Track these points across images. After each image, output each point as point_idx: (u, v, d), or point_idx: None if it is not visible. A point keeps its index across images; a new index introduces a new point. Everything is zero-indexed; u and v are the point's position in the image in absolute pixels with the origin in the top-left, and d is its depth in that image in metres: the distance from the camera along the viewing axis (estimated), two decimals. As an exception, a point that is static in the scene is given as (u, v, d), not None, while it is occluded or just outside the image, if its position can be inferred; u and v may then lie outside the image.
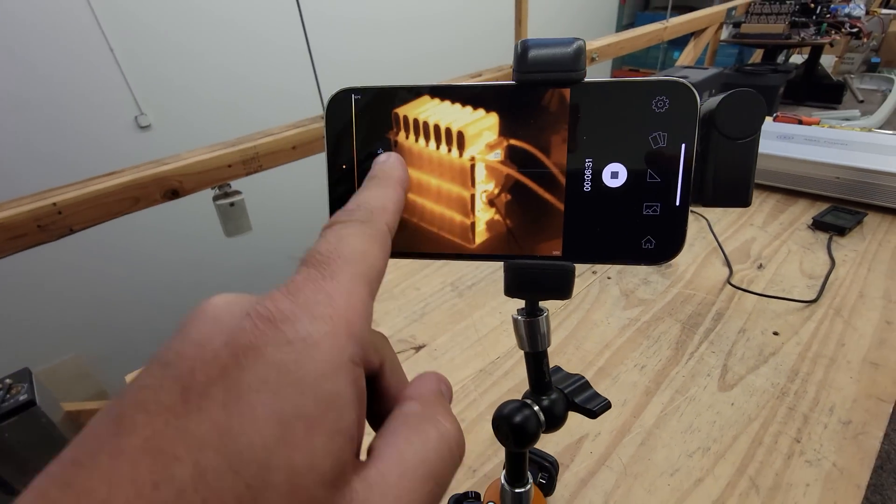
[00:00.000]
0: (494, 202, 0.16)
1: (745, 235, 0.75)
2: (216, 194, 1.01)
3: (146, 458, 0.10)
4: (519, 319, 0.19)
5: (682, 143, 0.15)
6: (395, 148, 0.16)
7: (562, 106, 0.15)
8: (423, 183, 0.16)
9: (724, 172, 0.15)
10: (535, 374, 0.19)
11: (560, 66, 0.15)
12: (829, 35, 2.44)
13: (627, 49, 1.91)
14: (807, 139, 0.88)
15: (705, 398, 0.48)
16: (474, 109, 0.16)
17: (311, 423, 0.11)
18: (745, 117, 0.15)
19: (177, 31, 2.00)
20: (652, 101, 0.15)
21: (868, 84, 3.80)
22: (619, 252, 0.16)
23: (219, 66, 2.14)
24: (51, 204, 0.81)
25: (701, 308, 0.61)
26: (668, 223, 0.15)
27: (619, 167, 0.15)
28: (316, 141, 1.07)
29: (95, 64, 1.85)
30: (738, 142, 0.15)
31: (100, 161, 1.89)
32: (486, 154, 0.16)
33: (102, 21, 1.81)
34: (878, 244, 0.69)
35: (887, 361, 0.50)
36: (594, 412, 0.19)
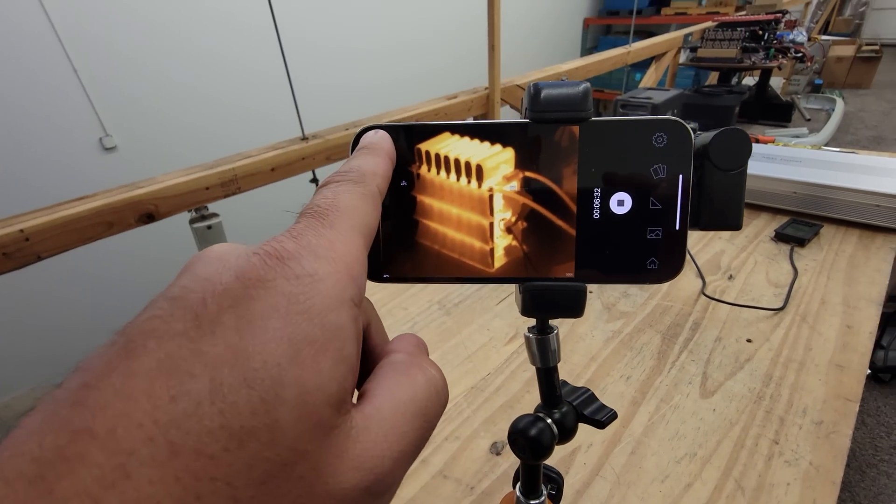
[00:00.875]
0: (511, 229, 0.18)
1: (714, 248, 0.79)
2: (193, 217, 0.99)
3: (161, 376, 0.10)
4: (531, 337, 0.20)
5: (679, 173, 0.17)
6: (418, 180, 0.17)
7: (572, 141, 0.17)
8: (445, 212, 0.18)
9: (717, 200, 0.17)
10: (546, 388, 0.20)
11: (570, 106, 0.17)
12: (777, 59, 2.63)
13: (594, 72, 2.00)
14: (764, 157, 0.94)
15: (689, 405, 0.50)
16: (492, 145, 0.17)
17: (318, 347, 0.11)
18: (734, 151, 0.17)
19: (143, 53, 1.97)
20: (652, 136, 0.17)
21: (813, 104, 4.08)
22: (626, 272, 0.18)
23: (187, 87, 2.12)
24: (17, 231, 0.78)
25: (679, 319, 0.63)
26: (670, 245, 0.17)
27: (625, 196, 0.17)
28: (296, 162, 1.07)
29: (58, 84, 1.80)
30: (729, 173, 0.17)
31: (63, 183, 1.82)
32: (503, 185, 0.17)
33: (66, 42, 1.77)
34: (835, 253, 0.74)
35: (850, 363, 0.54)
36: (603, 423, 0.21)
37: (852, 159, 0.90)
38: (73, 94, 1.84)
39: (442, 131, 0.17)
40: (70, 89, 1.83)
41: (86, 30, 1.80)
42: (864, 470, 1.22)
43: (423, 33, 2.96)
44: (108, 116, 1.95)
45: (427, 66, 3.02)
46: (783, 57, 2.62)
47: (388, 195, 0.17)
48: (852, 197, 0.80)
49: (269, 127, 1.90)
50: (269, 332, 0.11)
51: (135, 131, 2.03)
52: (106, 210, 0.85)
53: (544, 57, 4.10)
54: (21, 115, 1.72)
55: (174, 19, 2.00)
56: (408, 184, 0.18)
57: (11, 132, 1.70)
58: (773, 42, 2.58)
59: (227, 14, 2.13)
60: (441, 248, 0.18)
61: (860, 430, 1.31)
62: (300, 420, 0.11)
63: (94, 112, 1.93)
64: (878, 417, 1.34)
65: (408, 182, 0.17)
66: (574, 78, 1.89)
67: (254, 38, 2.17)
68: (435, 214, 0.17)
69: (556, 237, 0.17)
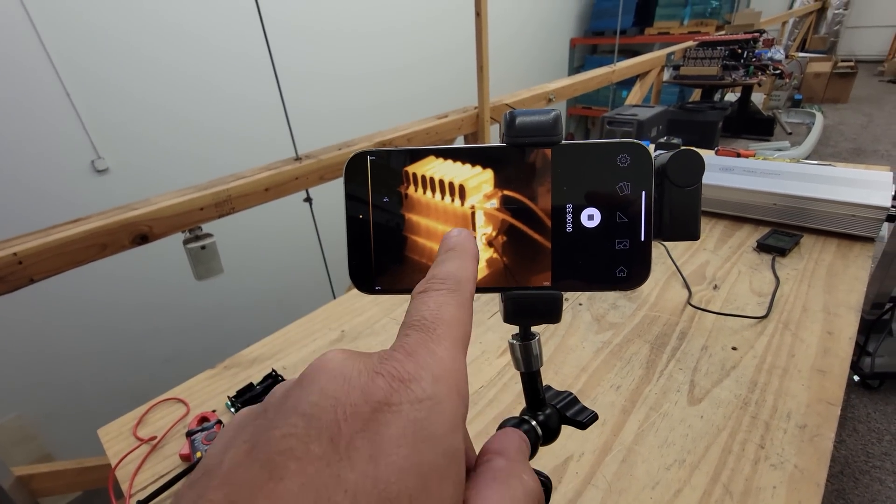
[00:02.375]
0: (492, 243, 0.19)
1: (699, 259, 0.81)
2: (187, 237, 1.00)
3: (305, 502, 0.11)
4: (515, 343, 0.21)
5: (642, 190, 0.18)
6: (406, 200, 0.19)
7: (545, 163, 0.19)
8: (431, 228, 0.19)
9: (676, 213, 0.19)
10: (530, 391, 0.22)
11: (542, 131, 0.18)
12: (756, 76, 2.72)
13: (581, 90, 2.05)
14: (745, 170, 0.98)
15: (677, 413, 0.52)
16: (473, 166, 0.19)
17: (442, 475, 0.12)
18: (689, 170, 0.18)
19: (136, 77, 2.00)
20: (616, 157, 0.18)
21: (794, 118, 4.20)
22: (598, 280, 0.19)
23: (180, 109, 2.14)
24: (11, 254, 0.78)
25: (666, 328, 0.65)
26: (637, 255, 0.19)
27: (594, 211, 0.19)
28: (289, 182, 1.09)
29: (50, 107, 1.82)
30: (686, 189, 0.19)
31: (54, 205, 1.82)
32: (483, 203, 0.19)
33: (58, 65, 1.79)
34: (815, 262, 0.77)
35: (832, 368, 0.56)
36: (584, 423, 0.22)
37: (830, 172, 0.94)
38: (65, 117, 1.85)
39: (427, 155, 0.19)
40: (62, 112, 1.84)
41: (79, 54, 1.82)
42: (858, 477, 1.23)
43: (414, 57, 3.04)
44: (99, 139, 1.96)
45: (418, 88, 3.08)
46: (762, 74, 2.71)
47: (380, 212, 0.19)
48: (830, 208, 0.83)
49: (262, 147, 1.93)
50: (400, 461, 0.12)
51: (127, 154, 2.04)
52: (100, 232, 0.86)
53: (534, 76, 4.20)
54: (13, 137, 1.73)
55: (167, 43, 2.04)
56: (397, 202, 0.19)
57: (3, 154, 1.70)
58: (752, 60, 2.68)
59: (220, 38, 2.17)
60: (428, 261, 0.19)
61: (852, 437, 1.32)
62: None
63: (86, 134, 1.94)
64: (869, 424, 1.36)
65: (396, 202, 0.19)
66: (561, 96, 1.94)
67: (247, 62, 2.21)
68: (422, 230, 0.19)
69: (533, 250, 0.19)
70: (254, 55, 2.14)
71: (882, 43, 6.20)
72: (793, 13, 5.59)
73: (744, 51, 2.60)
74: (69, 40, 1.79)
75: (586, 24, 4.93)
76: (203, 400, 0.60)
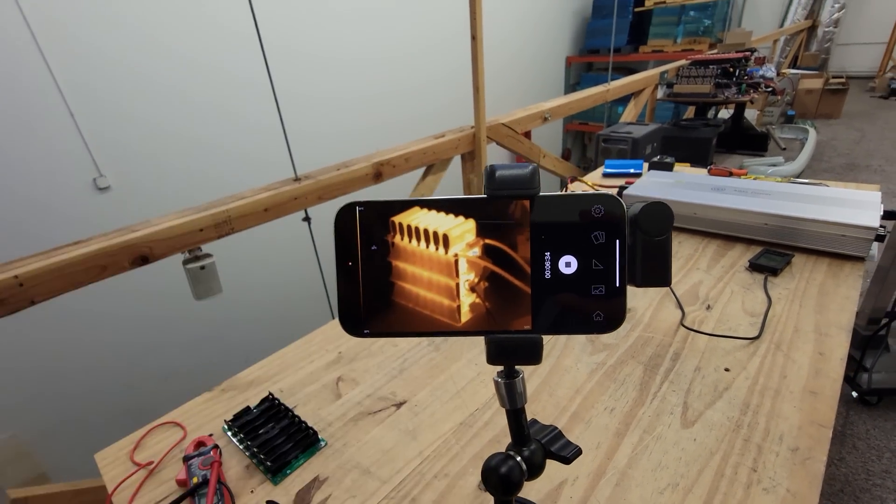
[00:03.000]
0: (475, 289, 0.20)
1: (693, 279, 0.82)
2: (186, 258, 1.01)
3: None
4: (500, 382, 0.22)
5: (616, 239, 0.19)
6: (393, 248, 0.20)
7: (524, 213, 0.20)
8: (417, 275, 0.20)
9: (648, 261, 0.20)
10: (515, 428, 0.22)
11: (520, 184, 0.20)
12: (749, 94, 2.77)
13: (576, 109, 2.08)
14: (736, 190, 0.99)
15: (670, 436, 0.52)
16: (456, 217, 0.20)
17: None
18: (659, 221, 0.20)
19: (138, 96, 2.03)
20: (591, 208, 0.19)
21: (787, 134, 4.25)
22: (576, 324, 0.20)
23: (181, 128, 2.17)
24: (12, 277, 0.79)
25: (660, 349, 0.66)
26: (612, 300, 0.20)
27: (571, 258, 0.20)
28: (288, 202, 1.10)
29: (54, 126, 1.84)
30: (656, 238, 0.20)
31: (56, 222, 1.83)
32: (466, 251, 0.20)
33: (62, 85, 1.82)
34: (806, 282, 0.78)
35: (823, 389, 0.56)
36: (568, 459, 0.22)
37: (819, 192, 0.95)
38: (68, 137, 1.88)
39: (413, 206, 0.20)
40: (66, 132, 1.87)
41: (83, 75, 1.85)
42: (858, 495, 1.22)
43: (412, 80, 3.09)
44: (101, 157, 1.98)
45: (416, 109, 3.14)
46: (754, 91, 2.76)
47: (368, 260, 0.20)
48: (820, 228, 0.84)
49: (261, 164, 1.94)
50: None
51: (128, 172, 2.06)
52: (101, 254, 0.87)
53: (532, 93, 4.27)
54: (18, 154, 1.75)
55: (169, 65, 2.07)
56: (385, 251, 0.20)
57: (7, 170, 1.72)
58: (744, 78, 2.73)
59: (221, 61, 2.21)
60: (415, 305, 0.20)
61: (852, 455, 1.32)
62: None
63: (88, 153, 1.96)
64: (869, 441, 1.35)
65: (385, 249, 0.20)
66: (557, 115, 1.97)
67: (247, 85, 2.25)
68: (409, 277, 0.20)
69: (514, 295, 0.20)
70: (255, 78, 2.18)
71: (872, 59, 6.31)
72: (783, 31, 5.70)
73: (735, 69, 2.66)
74: (74, 61, 1.82)
75: (582, 43, 5.02)
76: (200, 423, 0.60)
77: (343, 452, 0.54)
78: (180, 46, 2.09)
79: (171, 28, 2.05)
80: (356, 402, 0.61)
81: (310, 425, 0.56)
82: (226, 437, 0.57)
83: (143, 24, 1.97)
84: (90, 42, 1.84)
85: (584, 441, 0.53)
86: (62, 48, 1.77)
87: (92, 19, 1.82)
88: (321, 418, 0.59)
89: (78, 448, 1.95)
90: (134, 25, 1.95)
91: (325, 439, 0.56)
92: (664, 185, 1.05)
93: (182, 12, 2.05)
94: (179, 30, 2.08)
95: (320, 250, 1.33)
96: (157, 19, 1.99)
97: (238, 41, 2.20)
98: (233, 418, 0.59)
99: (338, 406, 0.61)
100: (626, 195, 1.03)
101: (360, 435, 0.56)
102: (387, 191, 1.63)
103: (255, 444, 0.54)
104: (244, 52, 2.20)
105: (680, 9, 4.62)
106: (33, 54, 1.72)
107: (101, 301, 1.95)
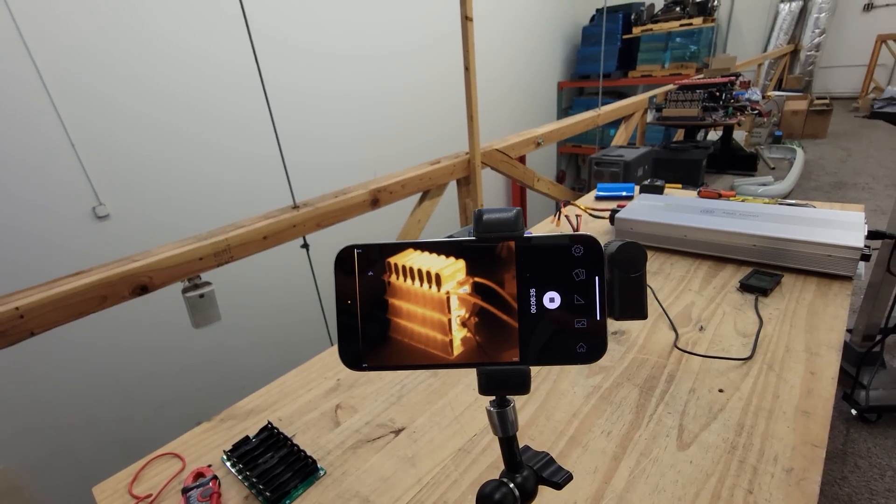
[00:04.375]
0: (466, 324, 0.22)
1: (685, 300, 0.84)
2: (186, 286, 1.02)
3: None
4: (492, 411, 0.24)
5: (595, 276, 0.21)
6: (389, 287, 0.22)
7: (510, 253, 0.22)
8: (412, 312, 0.22)
9: (625, 296, 0.21)
10: (508, 455, 0.24)
11: (505, 227, 0.21)
12: (736, 116, 2.85)
13: (568, 134, 2.14)
14: (725, 212, 1.02)
15: (667, 458, 0.52)
16: (447, 257, 0.22)
17: None
18: (633, 259, 0.21)
19: (138, 126, 2.07)
20: (572, 248, 0.21)
21: (776, 154, 4.34)
22: (560, 355, 0.22)
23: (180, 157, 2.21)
24: (13, 308, 0.80)
25: (654, 371, 0.67)
26: (594, 333, 0.21)
27: (555, 294, 0.21)
28: (287, 230, 1.12)
29: (54, 155, 1.87)
30: (632, 275, 0.21)
31: (55, 250, 1.84)
32: (457, 289, 0.22)
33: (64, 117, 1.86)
34: (796, 302, 0.79)
35: (816, 409, 0.57)
36: (559, 484, 0.23)
37: (806, 213, 0.98)
38: (68, 166, 1.91)
39: (407, 248, 0.22)
40: (66, 161, 1.90)
41: (84, 106, 1.89)
42: (864, 517, 1.21)
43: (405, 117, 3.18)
44: (101, 186, 2.01)
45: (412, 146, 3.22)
46: (741, 114, 2.84)
47: (366, 298, 0.21)
48: (807, 248, 0.86)
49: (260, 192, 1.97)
50: None
51: (127, 200, 2.09)
52: (101, 284, 0.88)
53: (527, 117, 4.38)
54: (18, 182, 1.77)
55: (169, 99, 2.12)
56: (381, 289, 0.22)
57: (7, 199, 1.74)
58: (730, 101, 2.82)
59: (222, 97, 2.26)
60: (410, 340, 0.22)
61: (854, 474, 1.31)
62: None
63: (88, 182, 1.99)
64: (870, 459, 1.35)
65: (381, 288, 0.22)
66: (549, 139, 2.02)
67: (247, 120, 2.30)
68: (404, 313, 0.22)
69: (502, 329, 0.22)
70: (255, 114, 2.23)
71: (854, 81, 6.50)
72: (766, 56, 5.89)
73: (722, 93, 2.74)
74: (75, 94, 1.87)
75: (573, 69, 5.16)
76: (199, 454, 0.60)
77: (342, 481, 0.54)
78: (179, 81, 2.15)
79: (170, 64, 2.11)
80: (355, 430, 0.61)
81: (309, 454, 0.56)
82: (225, 467, 0.57)
83: (143, 60, 2.03)
84: (91, 75, 1.89)
85: (582, 465, 0.53)
86: (64, 81, 1.82)
87: (93, 54, 1.87)
88: (320, 446, 0.59)
89: (70, 481, 1.90)
90: (134, 60, 2.00)
91: (325, 468, 0.56)
92: (655, 208, 1.07)
93: (181, 51, 2.12)
94: (178, 65, 2.14)
95: (318, 277, 1.34)
96: (156, 55, 2.05)
97: (238, 78, 2.26)
98: (232, 448, 0.59)
99: (337, 434, 0.61)
100: (618, 218, 1.06)
101: (359, 463, 0.56)
102: (384, 216, 1.65)
103: (254, 475, 0.54)
104: (244, 90, 2.26)
105: (666, 35, 4.78)
106: (35, 86, 1.76)
107: (93, 329, 1.94)
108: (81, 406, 1.95)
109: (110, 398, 2.03)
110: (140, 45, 2.00)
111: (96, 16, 1.86)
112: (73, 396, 1.94)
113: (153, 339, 2.13)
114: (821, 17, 6.08)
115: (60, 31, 1.78)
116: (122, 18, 1.93)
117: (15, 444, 1.81)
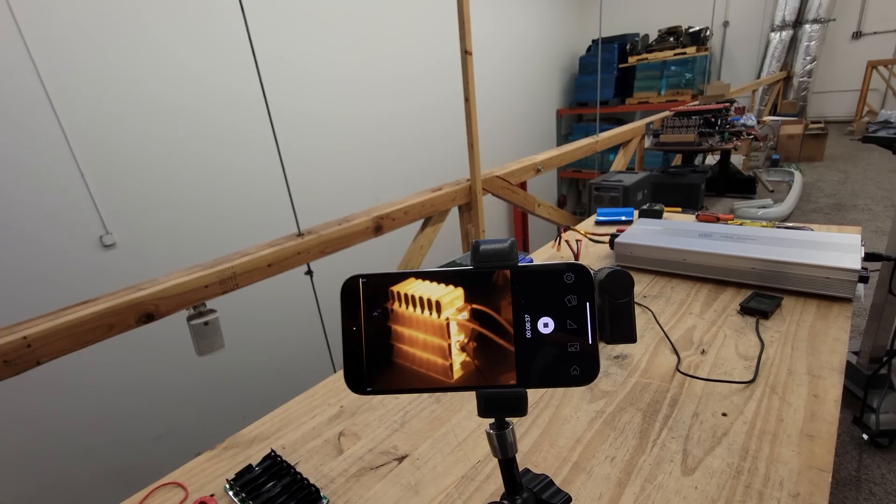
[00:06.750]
0: (465, 348, 0.23)
1: (686, 323, 0.84)
2: (191, 314, 1.03)
3: None
4: (491, 433, 0.24)
5: (587, 302, 0.22)
6: (392, 314, 0.23)
7: (505, 281, 0.23)
8: (413, 337, 0.23)
9: (614, 321, 0.23)
10: (508, 477, 0.24)
11: (501, 257, 0.23)
12: (732, 141, 2.90)
13: (567, 160, 2.18)
14: (724, 235, 1.03)
15: (671, 484, 0.52)
16: (447, 286, 0.23)
17: None
18: (621, 286, 0.23)
19: (146, 155, 2.13)
20: (563, 275, 0.23)
21: (774, 176, 4.39)
22: (555, 378, 0.23)
23: (186, 184, 2.25)
24: (21, 338, 0.81)
25: (657, 395, 0.67)
26: (587, 356, 0.22)
27: (549, 319, 0.23)
28: (291, 258, 1.14)
29: (63, 185, 1.92)
30: (620, 301, 0.23)
31: (63, 279, 1.86)
32: (456, 315, 0.23)
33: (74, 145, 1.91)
34: (797, 324, 0.80)
35: (820, 433, 0.57)
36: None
37: (803, 235, 0.99)
38: (77, 196, 1.95)
39: (409, 277, 0.23)
40: (75, 190, 1.94)
41: (93, 134, 1.95)
42: (882, 547, 1.17)
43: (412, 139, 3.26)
44: (108, 215, 2.05)
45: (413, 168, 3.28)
46: (737, 139, 2.89)
47: (370, 325, 0.23)
48: (805, 271, 0.87)
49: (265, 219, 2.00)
50: None
51: (134, 229, 2.12)
52: (108, 313, 0.89)
53: (529, 144, 4.47)
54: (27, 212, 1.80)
55: (177, 126, 2.18)
56: (385, 316, 0.23)
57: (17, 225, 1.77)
58: (726, 127, 2.87)
59: (228, 123, 2.33)
60: (412, 365, 0.23)
61: (869, 502, 1.27)
62: None
63: (96, 212, 2.03)
64: (885, 486, 1.31)
65: (385, 315, 0.23)
66: (549, 166, 2.06)
67: (253, 145, 2.36)
68: (406, 339, 0.23)
69: (499, 353, 0.23)
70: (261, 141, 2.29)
71: (848, 105, 6.62)
72: (760, 83, 6.02)
73: (717, 119, 2.79)
74: (85, 123, 1.92)
75: (571, 97, 5.29)
76: (202, 483, 0.60)
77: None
78: (189, 108, 2.22)
79: (178, 89, 2.18)
80: (358, 458, 0.61)
81: (312, 482, 0.56)
82: (227, 496, 0.57)
83: (152, 86, 2.10)
84: (101, 104, 1.95)
85: (587, 492, 0.53)
86: (74, 113, 1.88)
87: (103, 81, 1.94)
88: (323, 474, 0.59)
89: (67, 515, 1.86)
90: (143, 87, 2.07)
91: (327, 496, 0.55)
92: (653, 233, 1.09)
93: (189, 80, 2.19)
94: (187, 92, 2.21)
95: (322, 303, 1.35)
96: (164, 81, 2.12)
97: (245, 106, 2.33)
98: (235, 477, 0.59)
99: (340, 461, 0.61)
100: (618, 243, 1.07)
101: (362, 491, 0.56)
102: (387, 242, 1.67)
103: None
104: (251, 117, 2.33)
105: (662, 64, 4.92)
106: (47, 117, 1.82)
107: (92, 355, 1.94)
108: (76, 438, 1.93)
109: (106, 430, 2.01)
110: (151, 75, 2.07)
111: (108, 47, 1.94)
112: (69, 428, 1.92)
113: (151, 369, 2.13)
114: (811, 45, 6.24)
115: (74, 63, 1.85)
116: (137, 49, 2.01)
117: (9, 476, 1.79)
